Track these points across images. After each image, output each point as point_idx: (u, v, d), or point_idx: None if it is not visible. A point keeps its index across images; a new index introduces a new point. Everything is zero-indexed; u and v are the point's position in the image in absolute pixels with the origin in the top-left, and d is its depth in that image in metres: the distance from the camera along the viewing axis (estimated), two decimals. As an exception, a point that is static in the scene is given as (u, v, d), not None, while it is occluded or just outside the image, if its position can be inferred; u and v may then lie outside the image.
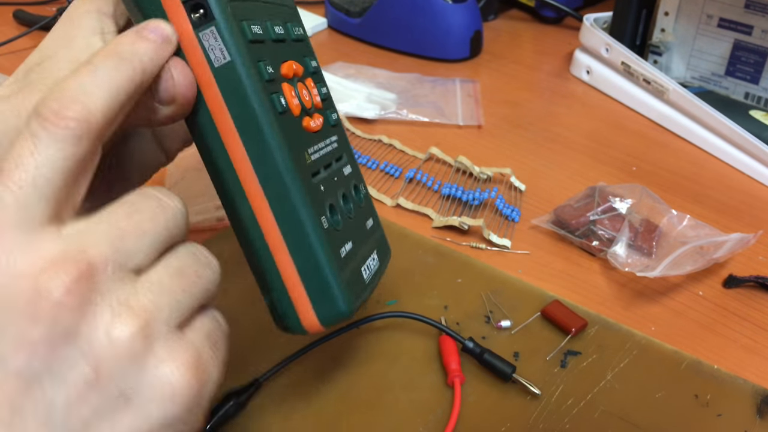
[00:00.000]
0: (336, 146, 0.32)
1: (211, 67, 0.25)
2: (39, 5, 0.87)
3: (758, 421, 0.36)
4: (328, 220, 0.28)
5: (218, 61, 0.25)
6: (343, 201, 0.30)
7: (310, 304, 0.27)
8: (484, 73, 0.76)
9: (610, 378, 0.39)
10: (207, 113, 0.26)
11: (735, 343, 0.42)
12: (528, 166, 0.58)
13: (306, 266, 0.27)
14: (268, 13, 0.29)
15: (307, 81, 0.31)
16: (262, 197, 0.26)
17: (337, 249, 0.28)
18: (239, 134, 0.26)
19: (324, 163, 0.30)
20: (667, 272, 0.43)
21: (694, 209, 0.53)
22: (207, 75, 0.26)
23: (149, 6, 0.25)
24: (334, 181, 0.30)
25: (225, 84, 0.25)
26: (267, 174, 0.26)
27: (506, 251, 0.49)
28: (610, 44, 0.68)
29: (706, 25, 0.66)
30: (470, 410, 0.37)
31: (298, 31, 0.32)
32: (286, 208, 0.26)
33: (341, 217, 0.29)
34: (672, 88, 0.62)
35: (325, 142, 0.31)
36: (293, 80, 0.29)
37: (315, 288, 0.27)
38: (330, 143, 0.31)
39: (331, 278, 0.27)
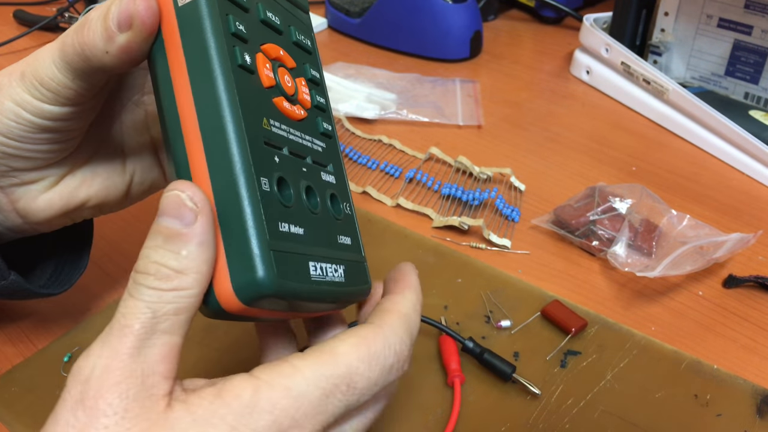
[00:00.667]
0: (320, 150, 0.30)
1: (174, 4, 0.25)
2: (39, 5, 0.87)
3: (758, 421, 0.36)
4: (270, 186, 0.25)
5: (182, 0, 0.25)
6: (305, 193, 0.28)
7: (226, 268, 0.23)
8: (484, 73, 0.76)
9: (610, 378, 0.39)
10: (162, 50, 0.25)
11: (735, 343, 0.42)
12: (528, 166, 0.58)
13: (228, 219, 0.24)
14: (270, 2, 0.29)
15: (299, 79, 0.30)
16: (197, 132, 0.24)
17: (273, 217, 0.25)
18: (187, 68, 0.25)
19: (290, 147, 0.28)
20: (666, 272, 0.43)
21: (693, 209, 0.53)
22: (169, 12, 0.25)
23: None
24: (300, 170, 0.28)
25: (184, 20, 0.25)
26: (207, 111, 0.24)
27: (506, 251, 0.49)
28: (609, 44, 0.68)
29: (705, 25, 0.66)
30: (470, 410, 0.37)
31: (305, 41, 0.32)
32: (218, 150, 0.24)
33: (293, 199, 0.27)
34: (672, 88, 0.62)
35: (302, 134, 0.29)
36: (274, 62, 0.29)
37: (234, 246, 0.23)
38: (311, 142, 0.30)
39: (253, 236, 0.23)
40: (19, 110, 0.30)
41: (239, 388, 0.22)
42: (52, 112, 0.30)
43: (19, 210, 0.34)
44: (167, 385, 0.22)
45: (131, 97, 0.36)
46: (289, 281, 0.24)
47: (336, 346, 0.24)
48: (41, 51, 0.30)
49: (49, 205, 0.34)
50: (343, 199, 0.31)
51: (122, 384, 0.21)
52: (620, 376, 0.39)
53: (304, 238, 0.26)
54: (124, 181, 0.36)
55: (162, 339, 0.22)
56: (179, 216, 0.23)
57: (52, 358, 0.39)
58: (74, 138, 0.33)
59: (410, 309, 0.27)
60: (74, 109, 0.31)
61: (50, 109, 0.30)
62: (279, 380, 0.23)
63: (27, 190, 0.34)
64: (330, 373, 0.23)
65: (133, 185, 0.37)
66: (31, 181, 0.34)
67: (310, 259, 0.26)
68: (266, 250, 0.23)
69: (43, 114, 0.30)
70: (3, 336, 0.41)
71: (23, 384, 0.38)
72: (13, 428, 0.36)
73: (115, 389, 0.21)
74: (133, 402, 0.21)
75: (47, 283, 0.39)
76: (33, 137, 0.31)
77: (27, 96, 0.30)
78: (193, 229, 0.23)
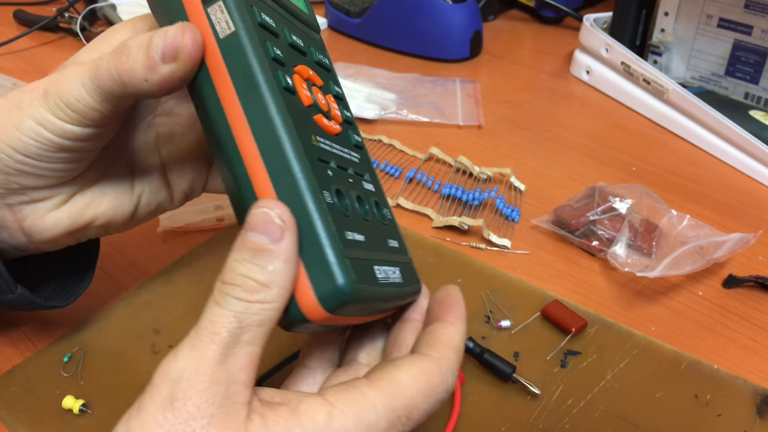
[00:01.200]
0: (357, 161, 0.31)
1: (216, 37, 0.26)
2: (39, 5, 0.87)
3: (758, 421, 0.36)
4: (333, 199, 0.26)
5: (223, 32, 0.26)
6: (357, 202, 0.29)
7: (307, 279, 0.25)
8: (484, 73, 0.76)
9: (610, 378, 0.39)
10: (208, 79, 0.26)
11: (735, 343, 0.42)
12: (528, 166, 0.58)
13: (303, 234, 0.25)
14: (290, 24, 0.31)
15: (328, 96, 0.31)
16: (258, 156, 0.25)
17: (341, 227, 0.26)
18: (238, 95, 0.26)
19: (336, 160, 0.29)
20: (666, 272, 0.43)
21: (693, 209, 0.53)
22: (212, 44, 0.26)
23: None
24: (348, 181, 0.29)
25: (228, 51, 0.26)
26: (265, 135, 0.25)
27: (506, 251, 0.49)
28: (610, 44, 0.68)
29: (705, 25, 0.66)
30: (470, 410, 0.37)
31: (324, 59, 0.33)
32: (281, 170, 0.25)
33: (350, 209, 0.28)
34: (672, 88, 0.62)
35: (341, 148, 0.30)
36: (307, 81, 0.30)
37: (312, 258, 0.25)
38: (349, 154, 0.31)
39: (329, 246, 0.25)
40: (39, 129, 0.30)
41: (314, 411, 0.24)
42: (74, 132, 0.30)
43: (25, 228, 0.34)
44: (247, 393, 0.23)
45: (144, 118, 0.36)
46: (365, 285, 0.26)
47: (401, 378, 0.25)
48: (68, 72, 0.30)
49: (57, 224, 0.34)
50: (384, 205, 0.32)
51: (210, 389, 0.22)
52: (620, 376, 0.39)
53: (365, 244, 0.27)
54: (132, 201, 0.37)
55: (245, 349, 0.23)
56: (267, 232, 0.24)
57: (52, 358, 0.39)
58: (89, 158, 0.33)
59: (461, 343, 0.28)
60: (96, 130, 0.31)
61: (72, 129, 0.30)
62: (352, 409, 0.24)
63: (35, 208, 0.34)
64: (395, 405, 0.25)
65: (140, 206, 0.37)
66: (41, 199, 0.34)
67: (374, 263, 0.27)
68: (342, 258, 0.25)
69: (64, 134, 0.30)
70: (3, 336, 0.41)
71: (23, 384, 0.38)
72: (13, 428, 0.36)
73: (203, 394, 0.22)
74: (219, 408, 0.22)
75: (51, 295, 0.39)
76: (50, 156, 0.31)
77: (49, 115, 0.30)
78: (280, 246, 0.24)
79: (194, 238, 0.49)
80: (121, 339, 0.40)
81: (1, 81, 0.61)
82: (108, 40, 0.32)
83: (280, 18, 0.30)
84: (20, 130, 0.31)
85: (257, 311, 0.24)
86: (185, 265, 0.47)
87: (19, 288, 0.35)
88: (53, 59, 0.75)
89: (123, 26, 0.33)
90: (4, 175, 0.32)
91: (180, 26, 0.26)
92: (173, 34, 0.26)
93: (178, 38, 0.26)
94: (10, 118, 0.31)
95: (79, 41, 0.78)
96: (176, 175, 0.38)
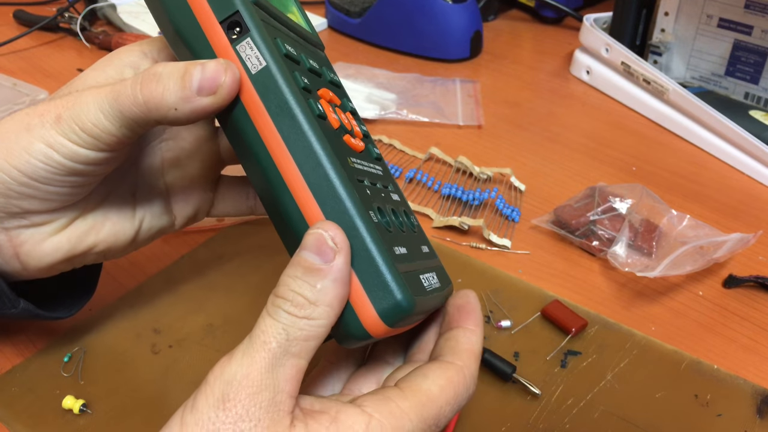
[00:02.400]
0: (381, 174, 0.32)
1: (248, 74, 0.27)
2: (39, 5, 0.88)
3: (758, 421, 0.36)
4: (377, 217, 0.28)
5: (255, 68, 0.27)
6: (394, 216, 0.30)
7: (367, 298, 0.26)
8: (484, 73, 0.76)
9: (610, 378, 0.39)
10: (244, 114, 0.27)
11: (735, 343, 0.42)
12: (528, 166, 0.58)
13: (357, 256, 0.26)
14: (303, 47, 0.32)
15: (347, 114, 0.32)
16: (305, 186, 0.27)
17: (389, 243, 0.27)
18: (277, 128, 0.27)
19: (369, 178, 0.30)
20: (667, 272, 0.43)
21: (694, 209, 0.53)
22: (245, 80, 0.27)
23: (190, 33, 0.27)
24: (381, 196, 0.30)
25: (262, 85, 0.27)
26: (308, 162, 0.27)
27: (506, 251, 0.49)
28: (610, 44, 0.68)
29: (706, 26, 0.66)
30: (470, 410, 0.37)
31: (334, 77, 0.34)
32: (329, 197, 0.26)
33: (391, 224, 0.29)
34: (672, 88, 0.62)
35: (368, 163, 0.31)
36: (331, 105, 0.31)
37: (369, 278, 0.26)
38: (374, 168, 0.32)
39: (384, 266, 0.26)
40: (50, 152, 0.30)
41: (352, 420, 0.25)
42: (87, 157, 0.30)
43: (21, 254, 0.34)
44: (291, 403, 0.25)
45: (149, 143, 0.36)
46: (419, 297, 0.27)
47: (431, 388, 0.27)
48: (84, 96, 0.30)
49: (56, 249, 0.34)
50: (411, 213, 0.33)
51: (258, 394, 0.24)
52: (620, 376, 0.39)
53: (408, 256, 0.29)
54: (133, 227, 0.36)
55: (292, 360, 0.25)
56: (320, 253, 0.25)
57: (52, 358, 0.39)
58: (96, 182, 0.33)
59: (480, 349, 0.30)
60: (110, 154, 0.31)
61: (86, 153, 0.30)
62: (389, 420, 0.25)
63: (35, 233, 0.33)
64: (427, 415, 0.26)
65: (140, 232, 0.37)
66: (41, 224, 0.33)
67: (419, 273, 0.29)
68: (397, 274, 0.26)
69: (77, 158, 0.30)
70: (3, 336, 0.41)
71: (23, 384, 0.38)
72: (13, 428, 0.36)
73: (253, 398, 0.24)
74: (266, 413, 0.24)
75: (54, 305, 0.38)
76: (58, 179, 0.31)
77: (62, 139, 0.30)
78: (331, 266, 0.25)
79: (194, 238, 0.49)
80: (121, 339, 0.40)
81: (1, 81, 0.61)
82: (115, 62, 0.32)
83: (296, 44, 0.31)
84: (29, 152, 0.30)
85: (304, 326, 0.25)
86: (185, 265, 0.47)
87: (21, 302, 0.35)
88: (53, 59, 0.75)
89: (129, 49, 0.33)
90: (5, 198, 0.32)
91: (221, 63, 0.27)
92: (214, 69, 0.26)
93: (220, 74, 0.26)
94: (19, 141, 0.31)
95: (79, 41, 0.78)
96: (180, 200, 0.38)
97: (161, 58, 0.33)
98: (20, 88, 0.60)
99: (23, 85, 0.61)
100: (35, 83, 0.66)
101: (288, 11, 0.32)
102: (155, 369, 0.39)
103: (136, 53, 0.32)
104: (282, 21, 0.31)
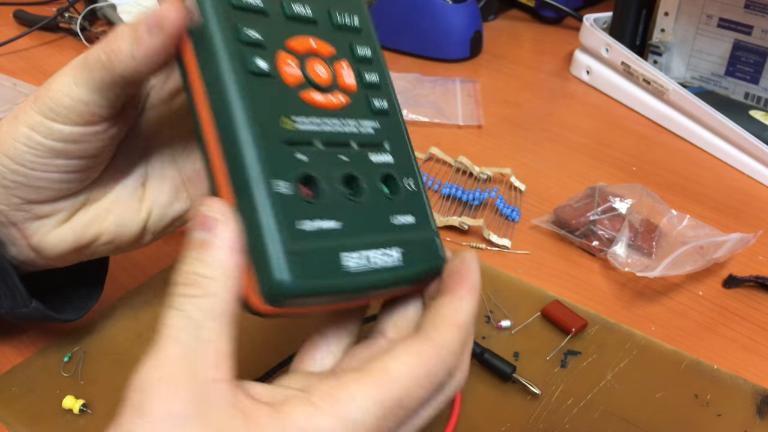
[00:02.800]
0: (372, 132, 0.30)
1: (190, 25, 0.27)
2: (39, 5, 0.88)
3: (758, 421, 0.36)
4: (288, 187, 0.26)
5: (194, 22, 0.27)
6: (344, 181, 0.28)
7: (254, 273, 0.25)
8: (484, 73, 0.76)
9: (610, 378, 0.39)
10: (183, 66, 0.27)
11: (735, 343, 0.42)
12: (528, 166, 0.59)
13: (248, 226, 0.25)
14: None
15: (340, 62, 0.30)
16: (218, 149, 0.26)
17: (291, 218, 0.26)
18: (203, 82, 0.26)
19: (325, 138, 0.28)
20: (667, 272, 0.43)
21: (693, 209, 0.53)
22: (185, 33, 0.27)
23: None
24: (337, 160, 0.28)
25: (197, 37, 0.27)
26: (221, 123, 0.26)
27: (506, 251, 0.49)
28: (610, 44, 0.68)
29: (705, 25, 0.66)
30: (470, 410, 0.37)
31: (349, 19, 0.32)
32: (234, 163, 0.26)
33: (325, 193, 0.27)
34: (672, 88, 0.62)
35: (343, 122, 0.29)
36: (305, 55, 0.29)
37: (256, 253, 0.25)
38: (358, 125, 0.30)
39: (270, 240, 0.25)
40: (31, 134, 0.30)
41: (297, 413, 0.23)
42: (62, 132, 0.30)
43: (33, 245, 0.34)
44: (224, 389, 0.23)
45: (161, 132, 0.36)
46: (314, 279, 0.25)
47: (391, 366, 0.24)
48: (59, 74, 0.30)
49: (62, 240, 0.34)
50: (405, 176, 0.30)
51: (179, 393, 0.22)
52: (620, 376, 0.39)
53: (338, 231, 0.27)
54: (141, 218, 0.36)
55: (207, 346, 0.23)
56: (203, 226, 0.24)
57: (52, 358, 0.39)
58: (88, 169, 0.33)
59: (469, 319, 0.27)
60: (87, 129, 0.31)
61: (61, 128, 0.30)
62: (336, 408, 0.23)
63: (41, 225, 0.34)
64: (384, 397, 0.24)
65: (149, 223, 0.36)
66: (45, 215, 0.33)
67: (344, 250, 0.26)
68: (282, 253, 0.24)
69: (53, 135, 0.30)
70: (3, 336, 0.41)
71: (23, 384, 0.38)
72: (13, 428, 0.36)
73: (173, 398, 0.22)
74: (193, 408, 0.22)
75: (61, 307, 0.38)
76: (42, 163, 0.31)
77: (39, 117, 0.30)
78: (217, 236, 0.24)
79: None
80: (121, 339, 0.40)
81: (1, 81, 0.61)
82: None
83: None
84: (15, 138, 0.31)
85: (206, 305, 0.23)
86: (185, 265, 0.47)
87: (33, 302, 0.35)
88: (53, 59, 0.75)
89: None
90: (4, 189, 0.32)
91: (169, 3, 0.26)
92: (161, 9, 0.26)
93: (166, 12, 0.26)
94: (8, 130, 0.31)
95: (80, 41, 0.78)
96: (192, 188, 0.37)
97: None
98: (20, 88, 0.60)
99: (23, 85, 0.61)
100: (35, 83, 0.66)
101: None
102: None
103: None
104: None
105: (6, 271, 0.34)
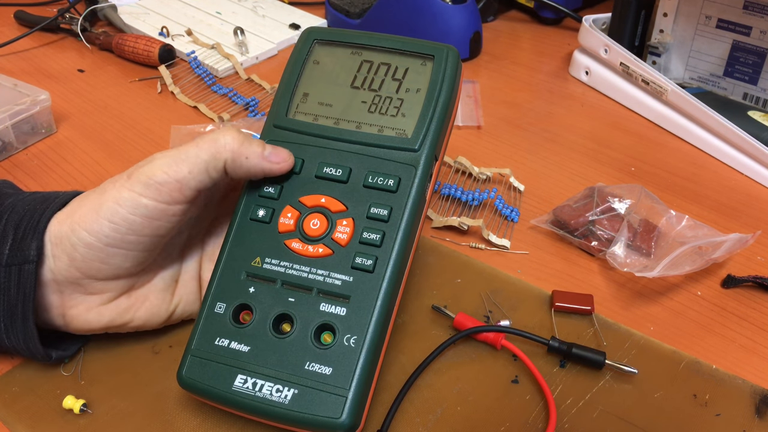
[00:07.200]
0: (339, 284, 0.33)
1: None
2: (40, 6, 0.88)
3: (757, 421, 0.36)
4: (225, 309, 0.34)
5: None
6: (276, 318, 0.33)
7: None
8: (483, 73, 0.76)
9: (610, 378, 0.39)
10: None
11: (733, 343, 0.42)
12: (527, 167, 0.59)
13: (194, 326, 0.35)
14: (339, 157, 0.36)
15: (345, 219, 0.34)
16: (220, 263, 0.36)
17: (211, 332, 0.34)
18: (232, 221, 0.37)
19: (286, 279, 0.34)
20: (665, 272, 0.43)
21: (692, 209, 0.53)
22: None
23: None
24: (283, 299, 0.33)
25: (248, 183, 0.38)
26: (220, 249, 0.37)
27: (505, 251, 0.49)
28: (609, 45, 0.68)
29: (704, 26, 0.66)
30: (470, 410, 0.37)
31: (383, 182, 0.35)
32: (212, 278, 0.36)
33: (254, 322, 0.33)
34: (671, 89, 0.62)
35: (312, 270, 0.34)
36: (311, 209, 0.35)
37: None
38: (326, 276, 0.33)
39: (191, 341, 0.34)
40: (116, 208, 0.33)
41: None
42: (147, 207, 0.33)
43: (67, 315, 0.36)
44: None
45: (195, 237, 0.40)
46: (202, 383, 0.33)
47: None
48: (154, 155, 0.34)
49: (98, 320, 0.36)
50: (348, 333, 0.32)
51: None
52: (619, 375, 0.39)
53: (245, 355, 0.33)
54: (168, 310, 0.39)
55: None
56: None
57: (53, 358, 0.40)
58: (152, 249, 0.35)
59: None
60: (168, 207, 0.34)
61: (147, 203, 0.33)
62: None
63: (85, 300, 0.36)
64: None
65: (173, 315, 0.39)
66: (94, 292, 0.36)
67: (241, 372, 0.32)
68: (189, 354, 0.34)
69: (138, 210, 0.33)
70: (3, 336, 0.41)
71: (23, 384, 0.38)
72: (13, 428, 0.36)
73: None
74: None
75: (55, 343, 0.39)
76: (118, 238, 0.33)
77: (128, 193, 0.33)
78: None
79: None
80: (121, 339, 0.41)
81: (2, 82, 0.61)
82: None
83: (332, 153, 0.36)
84: (99, 213, 0.33)
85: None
86: (185, 265, 0.47)
87: (54, 353, 0.37)
88: (54, 60, 0.75)
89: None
90: (70, 260, 0.34)
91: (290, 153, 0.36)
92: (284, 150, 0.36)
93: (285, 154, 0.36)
94: (93, 205, 0.34)
95: (80, 42, 0.78)
96: None
97: None
98: (21, 88, 0.60)
99: (24, 85, 0.61)
100: (36, 84, 0.66)
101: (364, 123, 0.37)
102: (155, 369, 0.39)
103: None
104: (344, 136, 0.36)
105: (30, 333, 0.35)
